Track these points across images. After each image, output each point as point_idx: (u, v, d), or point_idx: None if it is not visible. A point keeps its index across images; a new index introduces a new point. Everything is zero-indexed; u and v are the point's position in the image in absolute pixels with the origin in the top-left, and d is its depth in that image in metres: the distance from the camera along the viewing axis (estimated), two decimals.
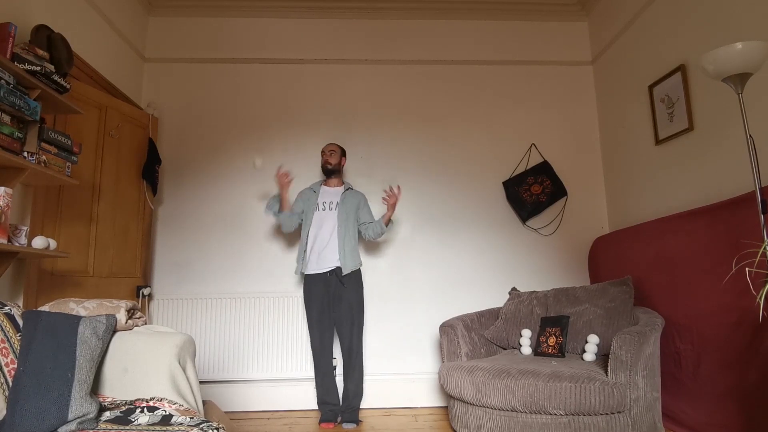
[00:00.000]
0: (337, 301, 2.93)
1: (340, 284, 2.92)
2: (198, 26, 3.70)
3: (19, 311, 1.63)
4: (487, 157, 3.65)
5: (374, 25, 3.76)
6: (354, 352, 2.92)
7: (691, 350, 2.42)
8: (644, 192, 3.16)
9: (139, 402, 1.58)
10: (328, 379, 2.93)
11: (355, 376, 2.92)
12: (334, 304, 2.93)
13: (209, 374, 3.19)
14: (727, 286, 2.14)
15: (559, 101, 3.75)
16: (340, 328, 2.94)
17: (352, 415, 2.85)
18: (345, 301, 2.93)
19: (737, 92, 1.91)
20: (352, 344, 2.92)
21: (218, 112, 3.62)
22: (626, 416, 2.06)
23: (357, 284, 2.99)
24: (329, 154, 3.08)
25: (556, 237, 3.58)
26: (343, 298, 2.93)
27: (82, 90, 2.80)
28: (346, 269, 2.92)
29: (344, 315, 2.92)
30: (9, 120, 1.97)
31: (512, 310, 2.96)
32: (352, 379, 2.91)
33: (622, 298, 2.64)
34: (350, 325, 2.92)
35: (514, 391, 2.16)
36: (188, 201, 3.49)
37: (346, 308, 2.92)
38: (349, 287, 2.94)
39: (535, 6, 3.77)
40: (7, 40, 1.99)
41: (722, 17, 2.46)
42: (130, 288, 3.13)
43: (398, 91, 3.70)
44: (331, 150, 3.10)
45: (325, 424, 2.80)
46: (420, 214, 3.57)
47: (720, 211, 2.34)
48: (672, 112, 2.85)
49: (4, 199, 1.95)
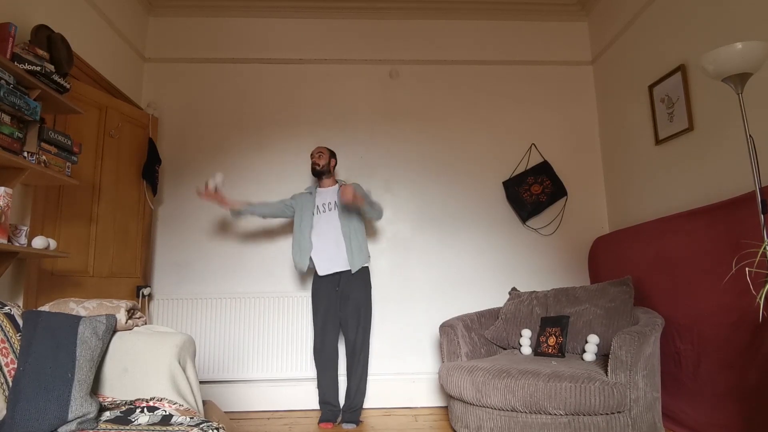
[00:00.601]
0: (345, 300, 2.93)
1: (348, 282, 2.92)
2: (198, 26, 3.70)
3: (19, 311, 1.63)
4: (487, 157, 3.65)
5: (374, 25, 3.76)
6: (358, 351, 2.91)
7: (691, 350, 2.42)
8: (644, 192, 3.16)
9: (139, 402, 1.58)
10: (329, 379, 2.92)
11: (357, 376, 2.91)
12: (342, 304, 2.94)
13: (209, 374, 3.19)
14: (727, 286, 2.14)
15: (559, 101, 3.75)
16: (346, 327, 2.94)
17: (353, 415, 2.84)
18: (352, 300, 2.92)
19: (737, 92, 1.91)
20: (357, 343, 2.91)
21: (218, 112, 3.62)
22: (626, 416, 2.06)
23: (365, 283, 2.99)
24: (317, 156, 3.09)
25: (556, 237, 3.58)
26: (350, 297, 2.93)
27: (82, 90, 2.80)
28: (355, 267, 2.92)
29: (351, 314, 2.92)
30: (9, 120, 1.97)
31: (512, 310, 2.96)
32: (355, 378, 2.91)
33: (622, 298, 2.64)
34: (356, 324, 2.92)
35: (514, 391, 2.16)
36: (188, 201, 3.49)
37: (353, 308, 2.92)
38: (356, 286, 2.94)
39: (535, 6, 3.77)
40: (7, 40, 1.99)
41: (722, 17, 2.46)
42: (130, 288, 3.13)
43: (398, 91, 3.70)
44: (319, 152, 3.10)
45: (324, 424, 2.80)
46: (420, 214, 3.57)
47: (720, 211, 2.34)
48: (672, 112, 2.85)
49: (4, 199, 1.95)
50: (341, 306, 2.94)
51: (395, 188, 3.60)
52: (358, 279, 2.95)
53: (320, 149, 3.13)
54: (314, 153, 3.12)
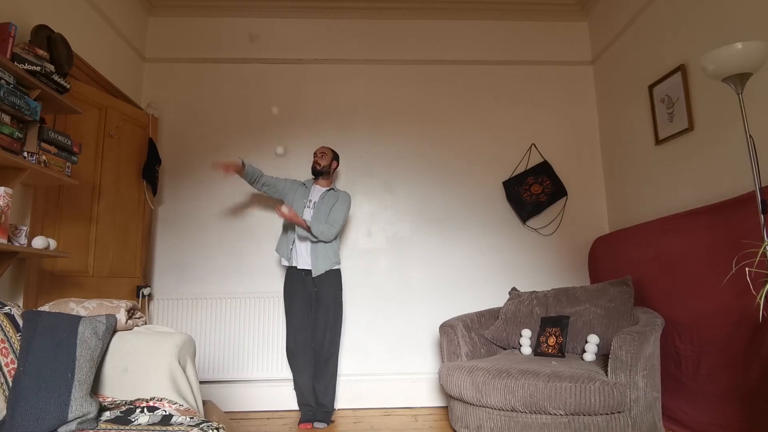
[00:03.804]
0: (316, 302, 2.92)
1: (320, 283, 2.90)
2: (198, 26, 3.70)
3: (19, 311, 1.63)
4: (487, 157, 3.65)
5: (374, 25, 3.76)
6: (326, 353, 2.89)
7: (691, 350, 2.42)
8: (644, 192, 3.16)
9: (139, 402, 1.58)
10: (307, 379, 2.90)
11: (326, 378, 2.89)
12: (314, 305, 2.92)
13: (209, 374, 3.19)
14: (727, 286, 2.14)
15: (559, 101, 3.75)
16: (315, 331, 2.92)
17: (325, 415, 2.84)
18: (323, 301, 2.91)
19: (737, 92, 1.91)
20: (324, 349, 2.89)
21: (218, 112, 3.62)
22: (626, 416, 2.06)
23: (334, 285, 2.96)
24: (320, 155, 3.09)
25: (556, 237, 3.58)
26: (321, 299, 2.91)
27: (82, 90, 2.80)
28: (316, 271, 2.89)
29: (320, 317, 2.91)
30: (9, 120, 1.97)
31: (512, 310, 2.96)
32: (323, 380, 2.89)
33: (622, 298, 2.64)
34: (324, 329, 2.89)
35: (514, 391, 2.16)
36: (188, 201, 3.49)
37: (323, 311, 2.91)
38: (327, 287, 2.92)
39: (535, 6, 3.77)
40: (7, 40, 1.99)
41: (722, 17, 2.46)
42: (130, 288, 3.13)
43: (398, 91, 3.70)
44: (322, 152, 3.10)
45: (304, 425, 2.79)
46: (420, 214, 3.57)
47: (720, 211, 2.34)
48: (672, 112, 2.85)
49: (4, 199, 1.95)
50: (313, 306, 2.93)
51: (395, 188, 3.60)
52: (329, 280, 2.92)
53: (323, 149, 3.12)
54: (317, 152, 3.12)
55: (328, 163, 3.09)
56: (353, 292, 3.42)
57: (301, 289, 2.94)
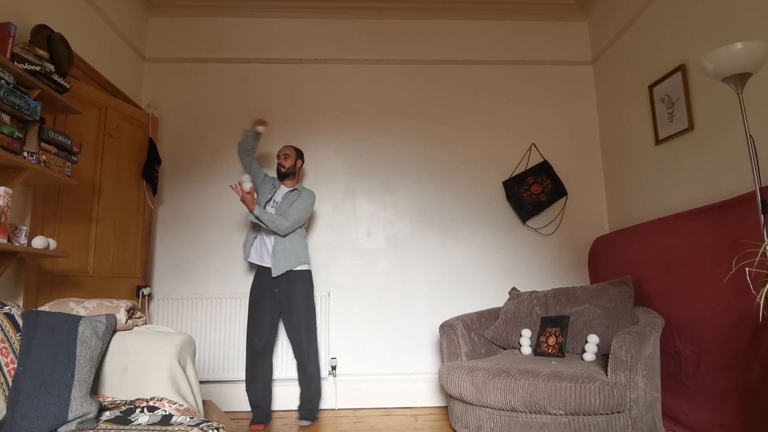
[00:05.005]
0: (286, 303, 2.89)
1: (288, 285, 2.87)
2: (198, 26, 3.70)
3: (19, 311, 1.63)
4: (487, 157, 3.65)
5: (374, 25, 3.76)
6: (306, 355, 2.87)
7: (691, 350, 2.42)
8: (644, 192, 3.16)
9: (139, 402, 1.58)
10: (265, 383, 2.90)
11: (311, 383, 2.89)
12: (282, 306, 2.90)
13: (209, 374, 3.19)
14: (727, 286, 2.14)
15: (559, 101, 3.75)
16: (291, 335, 2.91)
17: (309, 413, 2.85)
18: (295, 303, 2.88)
19: (737, 92, 1.91)
20: (303, 346, 2.87)
21: (218, 112, 3.62)
22: (626, 416, 2.06)
23: (305, 284, 2.93)
24: (283, 157, 3.03)
25: (556, 237, 3.58)
26: (292, 300, 2.88)
27: (82, 90, 2.80)
28: (277, 270, 2.85)
29: (294, 317, 2.88)
30: (9, 120, 1.97)
31: (512, 310, 2.96)
32: (307, 384, 2.89)
33: (622, 298, 2.64)
34: (299, 332, 2.87)
35: (514, 391, 2.16)
36: (188, 201, 3.49)
37: (296, 311, 2.88)
38: (297, 288, 2.89)
39: (535, 6, 3.77)
40: (7, 40, 1.99)
41: (722, 17, 2.46)
42: (130, 288, 3.13)
43: (398, 91, 3.71)
44: (285, 154, 3.04)
45: (255, 426, 2.77)
46: (420, 214, 3.57)
47: (720, 211, 2.34)
48: (672, 112, 2.85)
49: (4, 199, 1.95)
50: (282, 308, 2.91)
51: (395, 188, 3.60)
52: (298, 280, 2.90)
53: (286, 150, 3.05)
54: (280, 153, 3.05)
55: (292, 164, 3.03)
56: (353, 292, 3.43)
57: (266, 290, 2.91)
